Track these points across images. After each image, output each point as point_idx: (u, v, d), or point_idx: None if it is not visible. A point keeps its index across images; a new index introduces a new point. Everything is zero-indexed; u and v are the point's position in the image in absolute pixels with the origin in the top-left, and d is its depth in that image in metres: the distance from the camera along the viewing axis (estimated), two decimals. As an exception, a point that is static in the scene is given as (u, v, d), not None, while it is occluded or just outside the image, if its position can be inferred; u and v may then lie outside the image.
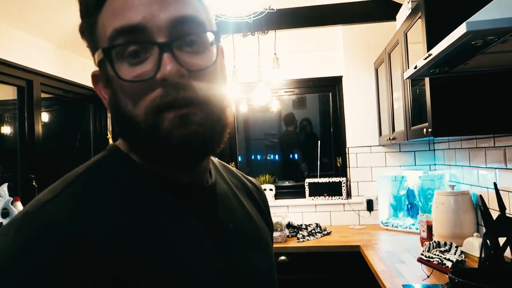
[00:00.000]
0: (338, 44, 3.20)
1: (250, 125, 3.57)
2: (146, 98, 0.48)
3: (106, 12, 0.49)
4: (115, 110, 0.51)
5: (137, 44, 0.48)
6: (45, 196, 0.46)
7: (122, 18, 0.47)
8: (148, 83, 0.48)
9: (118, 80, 0.49)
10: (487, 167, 2.13)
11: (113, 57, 0.48)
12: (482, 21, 1.00)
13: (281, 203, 3.17)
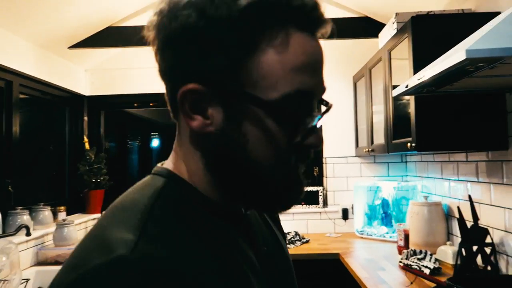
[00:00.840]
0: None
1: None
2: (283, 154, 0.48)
3: (283, 58, 0.46)
4: (232, 148, 0.48)
5: (313, 109, 0.49)
6: (128, 233, 0.42)
7: (308, 82, 0.47)
8: (292, 144, 0.48)
9: (270, 132, 0.47)
10: (459, 180, 2.28)
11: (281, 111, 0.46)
12: (480, 49, 1.09)
13: (260, 211, 3.20)
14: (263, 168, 0.48)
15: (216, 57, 0.45)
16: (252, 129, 0.46)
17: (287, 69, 0.46)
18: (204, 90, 0.46)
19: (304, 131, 0.48)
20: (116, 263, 0.39)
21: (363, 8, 2.86)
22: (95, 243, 0.43)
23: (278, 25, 0.45)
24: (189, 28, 0.45)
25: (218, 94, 0.47)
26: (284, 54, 0.46)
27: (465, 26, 1.65)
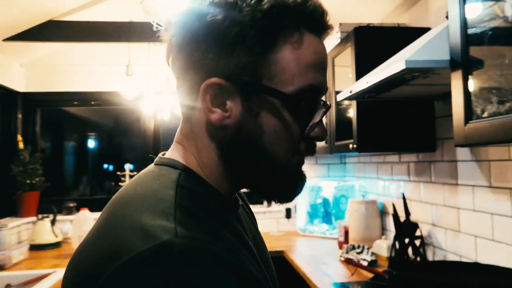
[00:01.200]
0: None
1: (169, 133, 3.54)
2: (294, 145, 0.54)
3: (299, 55, 0.51)
4: (249, 140, 0.51)
5: (321, 105, 0.54)
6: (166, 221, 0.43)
7: (319, 78, 0.53)
8: (302, 136, 0.53)
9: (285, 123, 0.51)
10: (393, 179, 2.49)
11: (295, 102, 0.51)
12: (417, 60, 1.24)
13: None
14: (277, 158, 0.52)
15: (239, 54, 0.49)
16: (269, 121, 0.51)
17: (302, 65, 0.51)
18: (225, 84, 0.50)
19: (316, 125, 0.54)
20: (165, 248, 0.40)
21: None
22: (127, 231, 0.43)
23: (293, 26, 0.51)
24: (215, 28, 0.49)
25: (238, 88, 0.50)
26: (299, 51, 0.51)
27: (401, 38, 1.82)
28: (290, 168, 0.54)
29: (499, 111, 1.15)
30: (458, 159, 1.83)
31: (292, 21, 0.51)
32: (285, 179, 0.55)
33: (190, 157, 0.55)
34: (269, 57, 0.50)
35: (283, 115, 0.51)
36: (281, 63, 0.50)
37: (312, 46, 0.52)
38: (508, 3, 1.17)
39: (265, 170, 0.53)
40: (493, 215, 1.62)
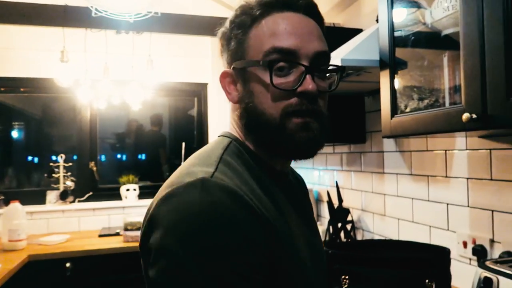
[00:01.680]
0: (207, 52, 3.43)
1: (105, 123, 3.41)
2: (282, 102, 0.64)
3: (264, 29, 0.65)
4: (248, 105, 0.66)
5: (289, 62, 0.64)
6: (207, 166, 0.60)
7: (282, 41, 0.64)
8: (288, 92, 0.64)
9: (264, 85, 0.64)
10: (327, 169, 2.67)
11: (267, 67, 0.63)
12: (352, 59, 1.36)
13: (145, 203, 3.18)
14: (268, 114, 0.65)
15: (233, 46, 0.68)
16: (254, 86, 0.66)
17: (266, 35, 0.65)
18: (232, 72, 0.69)
19: (289, 80, 0.64)
20: (201, 181, 0.57)
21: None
22: (184, 173, 0.61)
23: (261, 14, 0.67)
24: (224, 33, 0.70)
25: (238, 71, 0.68)
26: (265, 26, 0.66)
27: (336, 37, 1.96)
28: (286, 124, 0.64)
29: (419, 107, 1.31)
30: (384, 150, 2.02)
31: (262, 10, 0.66)
32: (284, 134, 0.65)
33: (236, 130, 0.71)
34: (245, 41, 0.67)
35: (261, 78, 0.65)
36: (252, 39, 0.66)
37: (278, 20, 0.66)
38: (428, 11, 1.33)
39: (265, 128, 0.65)
40: (413, 199, 1.82)
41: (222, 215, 0.54)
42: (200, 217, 0.54)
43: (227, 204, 0.55)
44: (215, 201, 0.55)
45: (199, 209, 0.54)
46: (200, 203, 0.55)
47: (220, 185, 0.57)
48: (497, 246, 1.38)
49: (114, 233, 2.74)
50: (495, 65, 0.93)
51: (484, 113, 0.96)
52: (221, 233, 0.54)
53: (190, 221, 0.54)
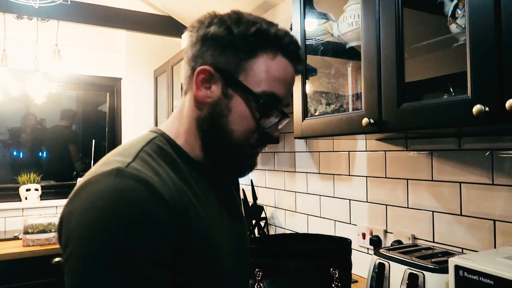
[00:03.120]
0: (121, 47, 3.29)
1: (1, 117, 3.07)
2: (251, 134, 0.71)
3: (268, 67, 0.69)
4: (219, 117, 0.70)
5: (278, 111, 0.72)
6: (124, 157, 0.63)
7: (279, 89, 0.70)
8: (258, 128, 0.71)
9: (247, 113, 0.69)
10: (242, 168, 2.74)
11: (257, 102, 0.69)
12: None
13: (49, 204, 2.96)
14: (234, 136, 0.70)
15: (228, 55, 0.69)
16: (236, 107, 0.70)
17: (270, 75, 0.69)
18: (214, 72, 0.69)
19: (269, 123, 0.72)
20: (115, 170, 0.60)
21: (167, 8, 3.04)
22: (101, 164, 0.64)
23: (271, 47, 0.70)
24: (218, 36, 0.69)
25: (222, 78, 0.69)
26: (271, 65, 0.70)
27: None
28: (242, 150, 0.72)
29: (327, 111, 1.43)
30: (296, 151, 2.16)
31: (271, 44, 0.70)
32: (236, 157, 0.73)
33: (173, 127, 0.75)
34: (248, 62, 0.69)
35: (247, 106, 0.70)
36: (255, 68, 0.69)
37: (282, 65, 0.71)
38: (336, 24, 1.46)
39: (224, 143, 0.71)
40: (320, 196, 1.97)
41: (130, 202, 0.57)
42: (110, 204, 0.57)
43: (137, 192, 0.58)
44: (127, 188, 0.58)
45: (110, 196, 0.57)
46: (111, 190, 0.58)
47: (133, 174, 0.60)
48: (389, 236, 1.57)
49: (12, 238, 2.50)
50: (389, 77, 1.07)
51: (380, 119, 1.09)
52: (133, 219, 0.57)
53: (100, 207, 0.56)
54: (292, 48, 0.72)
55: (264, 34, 0.69)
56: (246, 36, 0.69)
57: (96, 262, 0.55)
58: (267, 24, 0.71)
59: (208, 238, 0.69)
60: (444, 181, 1.36)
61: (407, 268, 1.08)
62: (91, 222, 0.56)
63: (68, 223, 0.59)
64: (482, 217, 1.24)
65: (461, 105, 0.88)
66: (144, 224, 0.57)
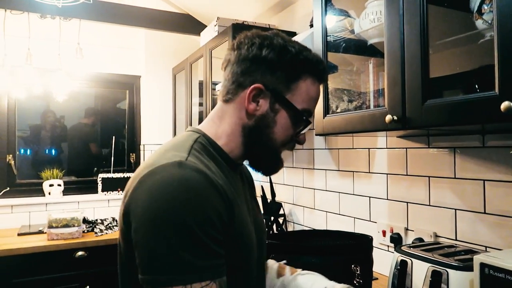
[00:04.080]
0: (140, 45, 3.34)
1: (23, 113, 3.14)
2: (287, 140, 0.86)
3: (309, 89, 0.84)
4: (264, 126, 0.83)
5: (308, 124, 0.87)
6: (181, 153, 0.75)
7: (312, 107, 0.87)
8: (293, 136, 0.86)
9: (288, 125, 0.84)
10: (260, 165, 2.75)
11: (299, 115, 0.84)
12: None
13: (71, 199, 3.03)
14: (275, 144, 0.84)
15: (277, 77, 0.82)
16: (281, 120, 0.83)
17: (309, 96, 0.85)
18: (264, 90, 0.82)
19: (300, 131, 0.87)
20: (176, 163, 0.71)
21: (186, 6, 3.06)
22: (160, 157, 0.74)
23: (312, 72, 0.85)
24: (270, 60, 0.81)
25: (271, 95, 0.82)
26: (310, 87, 0.85)
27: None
28: (278, 153, 0.87)
29: (349, 108, 1.43)
30: (315, 148, 2.16)
31: (311, 70, 0.85)
32: (274, 159, 0.87)
33: (213, 129, 0.86)
34: (294, 84, 0.83)
35: (290, 120, 0.84)
36: (299, 90, 0.83)
37: (317, 87, 0.87)
38: (357, 21, 1.45)
39: (266, 149, 0.84)
40: (339, 193, 1.97)
41: (195, 188, 0.69)
42: (178, 190, 0.68)
43: (199, 181, 0.70)
44: (190, 177, 0.69)
45: (178, 183, 0.68)
46: (179, 178, 0.69)
47: (193, 166, 0.72)
48: (410, 233, 1.56)
49: (36, 231, 2.57)
50: (413, 74, 1.06)
51: (404, 116, 1.09)
52: (197, 202, 0.68)
53: (169, 192, 0.67)
54: (324, 73, 0.88)
55: (307, 61, 0.83)
56: (294, 63, 0.82)
57: (167, 239, 0.66)
58: (308, 52, 0.84)
59: (244, 229, 0.80)
60: (467, 179, 1.34)
61: (430, 265, 1.08)
62: (161, 205, 0.67)
63: (136, 208, 0.69)
64: (506, 215, 1.22)
65: (488, 101, 0.87)
66: (206, 206, 0.69)
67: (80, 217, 2.54)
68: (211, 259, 0.68)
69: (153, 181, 0.69)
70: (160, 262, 0.66)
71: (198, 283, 0.66)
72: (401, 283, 1.15)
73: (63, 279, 2.37)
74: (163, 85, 3.36)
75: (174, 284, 0.66)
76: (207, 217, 0.68)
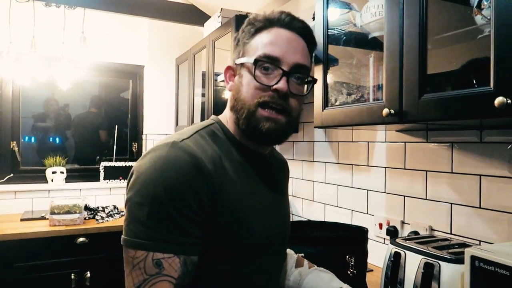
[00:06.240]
0: (144, 35, 3.34)
1: (28, 101, 3.16)
2: (259, 94, 0.82)
3: (262, 39, 0.84)
4: (236, 92, 0.84)
5: (272, 65, 0.82)
6: (182, 136, 0.80)
7: (271, 50, 0.82)
8: (265, 87, 0.82)
9: (250, 79, 0.82)
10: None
11: (255, 66, 0.82)
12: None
13: (73, 186, 3.06)
14: (245, 100, 0.83)
15: (237, 48, 0.88)
16: (244, 79, 0.84)
17: (263, 43, 0.84)
18: (233, 66, 0.88)
19: (273, 80, 0.82)
20: (170, 143, 0.77)
21: (190, -5, 3.06)
22: (163, 140, 0.80)
23: (267, 26, 0.85)
24: (236, 40, 0.89)
25: (236, 67, 0.87)
26: (264, 36, 0.84)
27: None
28: (256, 116, 0.82)
29: (347, 101, 1.44)
30: (315, 140, 2.17)
31: (266, 24, 0.85)
32: (252, 124, 0.82)
33: (225, 116, 0.90)
34: (248, 44, 0.86)
35: (250, 74, 0.83)
36: (253, 44, 0.85)
37: (274, 32, 0.84)
38: (359, 14, 1.45)
39: (242, 115, 0.83)
40: (338, 186, 1.98)
41: (178, 168, 0.73)
42: (162, 166, 0.74)
43: (184, 161, 0.74)
44: (177, 157, 0.75)
45: (164, 160, 0.74)
46: (166, 156, 0.75)
47: (183, 147, 0.76)
48: (406, 227, 1.58)
49: (38, 217, 2.61)
50: (411, 68, 1.07)
51: (400, 109, 1.10)
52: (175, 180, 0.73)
53: (154, 167, 0.74)
54: (285, 18, 0.85)
55: (258, 22, 0.85)
56: (248, 30, 0.86)
57: (142, 208, 0.71)
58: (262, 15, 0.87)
59: (238, 214, 0.80)
60: (464, 174, 1.35)
61: (423, 257, 1.10)
62: (146, 179, 0.73)
63: (131, 179, 0.77)
64: (501, 210, 1.24)
65: (483, 97, 0.88)
66: (184, 186, 0.73)
67: (82, 204, 2.58)
68: (179, 235, 0.72)
69: (148, 157, 0.77)
70: (133, 226, 0.72)
71: (160, 253, 0.71)
72: (394, 274, 1.17)
73: (64, 264, 2.41)
74: (166, 75, 3.37)
75: (138, 247, 0.71)
76: (182, 196, 0.72)
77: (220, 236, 0.77)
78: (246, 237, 0.82)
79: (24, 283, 2.31)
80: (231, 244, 0.80)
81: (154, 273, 0.70)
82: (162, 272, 0.70)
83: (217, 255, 0.79)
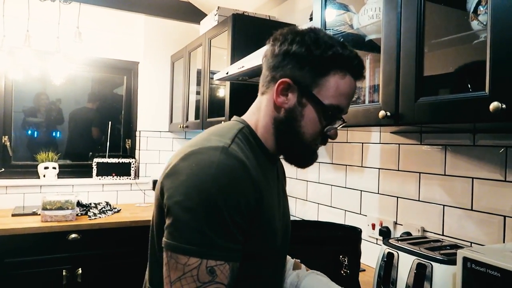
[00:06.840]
0: (139, 31, 3.32)
1: (20, 95, 3.13)
2: (319, 136, 0.87)
3: (338, 84, 0.84)
4: (292, 120, 0.85)
5: (339, 119, 0.87)
6: (224, 139, 0.80)
7: (343, 102, 0.85)
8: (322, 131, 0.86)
9: (315, 119, 0.84)
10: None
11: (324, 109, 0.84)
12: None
13: (65, 182, 3.04)
14: (304, 137, 0.86)
15: (306, 71, 0.83)
16: (308, 114, 0.84)
17: (338, 92, 0.84)
18: (292, 84, 0.83)
19: (331, 128, 0.87)
20: (220, 148, 0.76)
21: (186, -7, 3.05)
22: (204, 140, 0.79)
23: (343, 68, 0.84)
24: (299, 54, 0.83)
25: (298, 89, 0.84)
26: (340, 83, 0.84)
27: (270, 30, 2.04)
28: (310, 148, 0.89)
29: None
30: (309, 140, 2.18)
31: (342, 66, 0.84)
32: (304, 153, 0.89)
33: (253, 120, 0.90)
34: (322, 79, 0.83)
35: (317, 114, 0.85)
36: (327, 85, 0.84)
37: (349, 83, 0.86)
38: (356, 16, 1.46)
39: (295, 142, 0.87)
40: (332, 186, 2.00)
41: (232, 175, 0.74)
42: (217, 172, 0.73)
43: (237, 169, 0.75)
44: (230, 164, 0.74)
45: (217, 167, 0.73)
46: (220, 162, 0.74)
47: (234, 154, 0.76)
48: (399, 227, 1.60)
49: (30, 213, 2.59)
50: (407, 71, 1.08)
51: (396, 112, 1.11)
52: (229, 188, 0.73)
53: (208, 173, 0.73)
54: (359, 69, 0.87)
55: (338, 57, 0.83)
56: (323, 58, 0.82)
57: (196, 214, 0.71)
58: (341, 47, 0.84)
59: (270, 219, 0.84)
60: (456, 176, 1.37)
61: (416, 258, 1.11)
62: (198, 183, 0.72)
63: (175, 179, 0.75)
64: (492, 213, 1.26)
65: (478, 101, 0.90)
66: (238, 193, 0.74)
67: (74, 200, 2.56)
68: (230, 242, 0.73)
69: (196, 159, 0.75)
70: (184, 231, 0.71)
71: (213, 261, 0.71)
72: (387, 275, 1.19)
73: (56, 260, 2.39)
74: (161, 72, 3.36)
75: (192, 254, 0.70)
76: (237, 204, 0.73)
77: (254, 241, 0.79)
78: (272, 242, 0.86)
79: (15, 279, 2.29)
80: (261, 248, 0.83)
81: (207, 281, 0.71)
82: (215, 279, 0.71)
83: (243, 258, 0.80)
